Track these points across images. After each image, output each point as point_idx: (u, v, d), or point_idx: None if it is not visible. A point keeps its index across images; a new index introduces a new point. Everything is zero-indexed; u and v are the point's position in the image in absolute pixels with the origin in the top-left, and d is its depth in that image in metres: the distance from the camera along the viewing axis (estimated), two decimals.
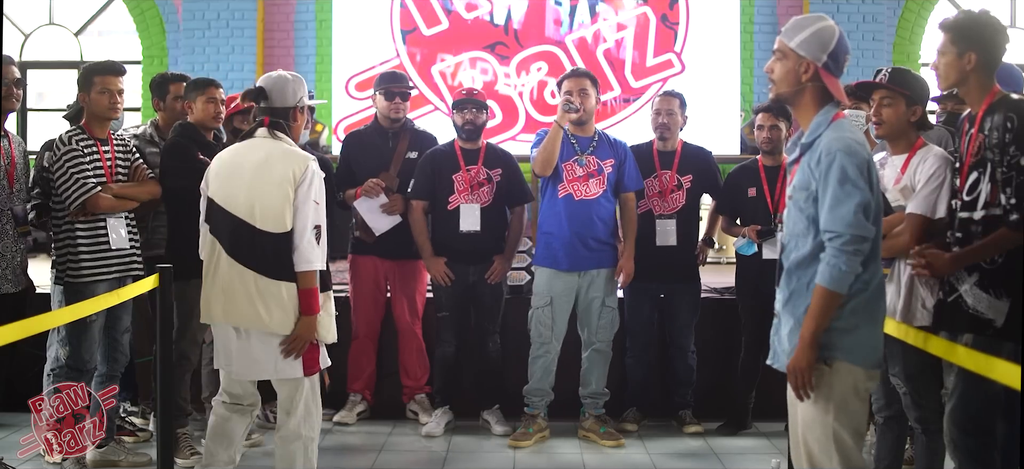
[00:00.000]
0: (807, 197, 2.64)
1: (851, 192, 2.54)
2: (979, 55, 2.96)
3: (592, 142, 4.78)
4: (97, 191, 3.99)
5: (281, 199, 3.27)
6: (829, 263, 2.55)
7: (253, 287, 3.28)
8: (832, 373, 2.61)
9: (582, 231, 4.70)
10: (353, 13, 9.07)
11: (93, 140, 4.09)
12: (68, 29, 9.96)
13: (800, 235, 2.67)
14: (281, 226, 3.27)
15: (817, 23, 2.68)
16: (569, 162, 4.72)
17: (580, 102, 4.66)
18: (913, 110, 3.37)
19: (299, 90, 3.48)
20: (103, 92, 4.06)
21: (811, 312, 2.58)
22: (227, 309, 3.35)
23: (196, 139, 4.35)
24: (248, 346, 3.35)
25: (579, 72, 4.89)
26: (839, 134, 2.61)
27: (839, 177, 2.55)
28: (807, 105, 2.70)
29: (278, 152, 3.35)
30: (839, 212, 2.54)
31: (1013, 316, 2.89)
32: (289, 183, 3.28)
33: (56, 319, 3.71)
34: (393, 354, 5.20)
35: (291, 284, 3.28)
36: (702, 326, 5.09)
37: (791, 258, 2.71)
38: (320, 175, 3.38)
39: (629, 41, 9.06)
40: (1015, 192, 2.86)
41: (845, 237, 2.53)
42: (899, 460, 3.62)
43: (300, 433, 3.38)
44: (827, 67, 2.65)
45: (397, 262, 5.07)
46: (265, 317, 3.28)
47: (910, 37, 9.37)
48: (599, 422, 4.82)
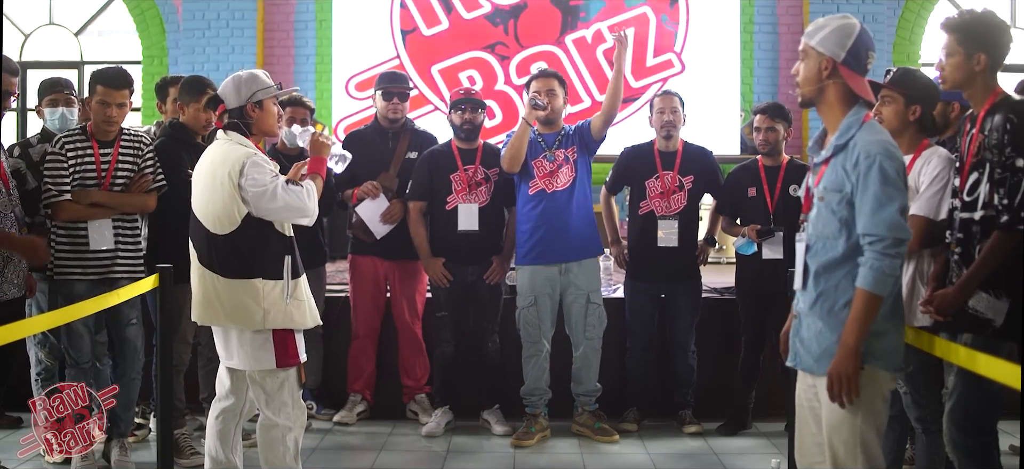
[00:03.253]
0: (840, 199, 2.60)
1: (893, 195, 2.52)
2: (989, 56, 2.95)
3: (557, 136, 4.82)
4: (62, 199, 4.02)
5: (225, 200, 3.34)
6: (872, 266, 2.51)
7: (212, 288, 3.40)
8: (865, 377, 2.58)
9: (559, 222, 4.73)
10: (353, 13, 9.07)
11: (89, 143, 4.09)
12: (68, 29, 9.96)
13: (831, 237, 2.64)
14: (228, 226, 3.35)
15: (838, 21, 2.67)
16: (538, 159, 4.77)
17: (547, 101, 4.73)
18: (912, 109, 3.37)
19: (250, 86, 3.47)
20: (101, 103, 4.07)
21: (854, 317, 2.54)
22: (198, 312, 3.50)
23: (185, 140, 4.36)
24: (226, 337, 3.48)
25: (547, 73, 4.95)
26: (875, 136, 2.59)
27: (881, 179, 2.52)
28: (831, 104, 2.67)
29: (220, 156, 3.41)
30: (882, 215, 2.51)
31: (1012, 316, 2.89)
32: (229, 182, 3.33)
33: (42, 323, 3.71)
34: (393, 354, 5.20)
35: (246, 281, 3.35)
36: (702, 326, 5.09)
37: (819, 260, 2.66)
38: (263, 161, 3.40)
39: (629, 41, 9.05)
40: (1007, 193, 2.86)
41: (888, 240, 2.50)
42: (899, 460, 3.62)
43: (276, 422, 3.44)
44: (847, 63, 2.63)
45: (397, 262, 5.07)
46: (222, 315, 3.39)
47: (910, 37, 9.37)
48: (593, 418, 4.84)
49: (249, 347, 3.40)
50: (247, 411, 3.62)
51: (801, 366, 2.76)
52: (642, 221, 4.95)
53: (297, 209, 3.40)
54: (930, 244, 3.28)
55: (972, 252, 2.98)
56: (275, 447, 3.45)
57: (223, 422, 3.57)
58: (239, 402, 3.57)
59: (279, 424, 3.45)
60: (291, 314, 3.41)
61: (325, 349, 5.18)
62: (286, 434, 3.45)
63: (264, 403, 3.46)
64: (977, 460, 3.00)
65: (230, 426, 3.58)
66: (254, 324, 3.36)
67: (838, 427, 2.62)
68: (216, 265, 3.38)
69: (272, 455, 3.46)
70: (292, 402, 3.47)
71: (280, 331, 3.39)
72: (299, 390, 3.51)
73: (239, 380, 3.55)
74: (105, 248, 4.07)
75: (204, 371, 4.51)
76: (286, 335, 3.41)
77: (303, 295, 3.48)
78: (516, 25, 9.05)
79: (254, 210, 3.35)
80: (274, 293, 3.37)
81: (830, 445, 2.65)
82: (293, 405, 3.47)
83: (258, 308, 3.35)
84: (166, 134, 4.43)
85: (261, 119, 3.49)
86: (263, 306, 3.35)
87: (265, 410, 3.46)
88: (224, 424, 3.57)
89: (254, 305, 3.35)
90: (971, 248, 2.99)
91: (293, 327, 3.43)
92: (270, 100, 3.50)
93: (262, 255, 3.38)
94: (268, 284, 3.36)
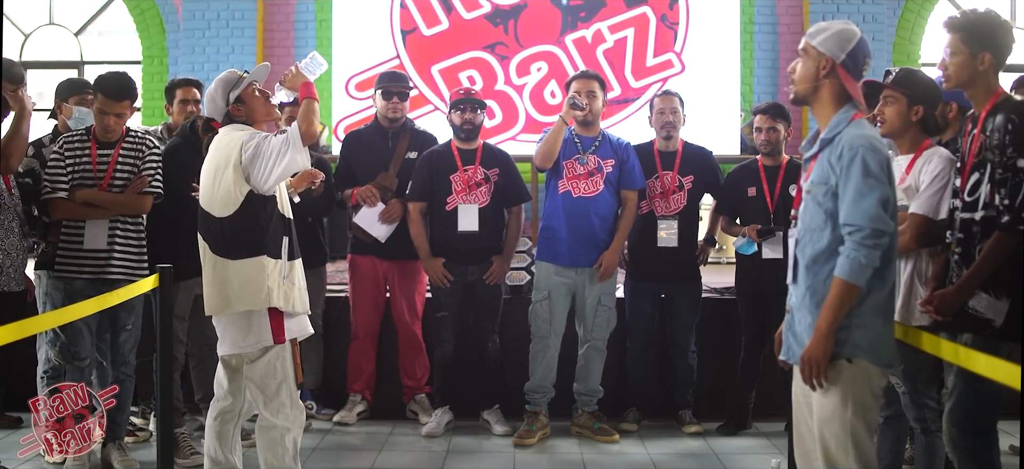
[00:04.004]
0: (826, 192, 2.64)
1: (874, 186, 2.56)
2: (993, 55, 2.96)
3: (595, 142, 4.81)
4: (56, 196, 4.05)
5: (227, 182, 3.37)
6: (849, 256, 2.56)
7: (223, 274, 3.41)
8: (853, 370, 2.61)
9: (580, 227, 4.73)
10: (353, 13, 9.07)
11: (89, 143, 4.11)
12: (68, 29, 9.96)
13: (817, 229, 2.67)
14: (231, 207, 3.37)
15: (840, 25, 2.73)
16: (570, 160, 4.76)
17: (586, 102, 4.72)
18: (915, 109, 3.37)
19: (224, 90, 3.49)
20: (100, 112, 4.11)
21: (828, 304, 2.59)
22: (210, 304, 3.49)
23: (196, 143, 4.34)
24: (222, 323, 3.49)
25: (589, 74, 4.96)
26: (861, 131, 2.64)
27: (862, 171, 2.56)
28: (825, 103, 2.72)
29: (223, 143, 3.45)
30: (861, 206, 2.55)
31: (1012, 316, 2.89)
32: (232, 162, 3.36)
33: (47, 321, 3.71)
34: (393, 354, 5.20)
35: (252, 259, 3.36)
36: (702, 326, 5.09)
37: (807, 253, 2.70)
38: (263, 135, 3.41)
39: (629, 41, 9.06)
40: (1008, 193, 2.86)
41: (866, 230, 2.54)
42: (899, 460, 3.62)
43: (275, 423, 3.45)
44: (845, 65, 2.68)
45: (397, 262, 5.07)
46: (232, 299, 3.39)
47: (910, 37, 9.37)
48: (593, 418, 4.84)
49: (246, 327, 3.41)
50: (246, 411, 3.62)
51: (794, 360, 2.78)
52: (642, 221, 4.95)
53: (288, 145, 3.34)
54: (929, 243, 3.28)
55: (973, 252, 2.98)
56: (274, 447, 3.46)
57: (222, 422, 3.58)
58: (238, 402, 3.58)
59: (278, 425, 3.45)
60: (289, 295, 3.43)
61: (325, 349, 5.18)
62: (285, 435, 3.46)
63: (263, 404, 3.46)
64: (977, 460, 3.01)
65: (229, 426, 3.59)
66: (259, 303, 3.37)
67: (829, 421, 2.64)
68: (224, 250, 3.40)
69: (271, 455, 3.47)
70: (290, 403, 3.47)
71: (274, 311, 3.40)
72: (297, 391, 3.52)
73: (237, 380, 3.55)
74: (98, 248, 4.07)
75: (197, 371, 4.50)
76: (280, 316, 3.43)
77: (296, 280, 3.49)
78: (516, 25, 9.05)
79: (255, 181, 3.36)
80: (276, 271, 3.40)
81: (821, 439, 2.67)
82: (291, 405, 3.48)
83: (264, 285, 3.36)
84: (181, 137, 4.40)
85: (251, 111, 3.51)
86: (268, 284, 3.37)
87: (264, 411, 3.47)
88: (223, 424, 3.58)
89: (262, 282, 3.36)
90: (972, 248, 2.99)
91: (285, 310, 3.43)
92: (248, 90, 3.50)
93: (265, 232, 3.40)
94: (272, 262, 3.40)
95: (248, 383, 3.48)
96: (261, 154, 3.34)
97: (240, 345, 3.43)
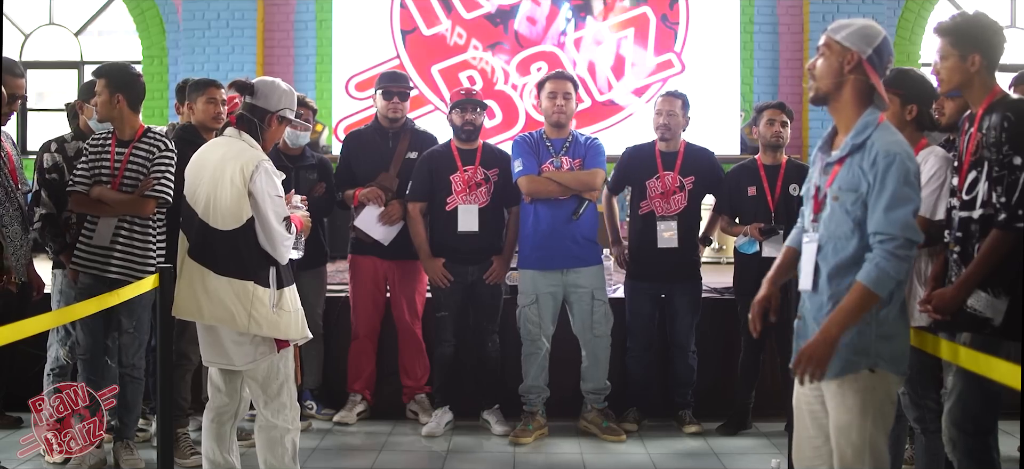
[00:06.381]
0: (855, 199, 2.59)
1: (910, 196, 2.52)
2: (983, 56, 2.96)
3: (565, 143, 4.84)
4: (75, 190, 4.11)
5: (234, 197, 3.33)
6: (876, 264, 2.50)
7: (200, 284, 3.37)
8: (874, 379, 2.58)
9: (561, 229, 4.74)
10: (353, 13, 9.08)
11: (109, 140, 4.15)
12: (68, 29, 9.98)
13: (844, 237, 2.62)
14: (232, 223, 3.33)
15: (864, 21, 2.69)
16: (545, 165, 4.78)
17: (562, 103, 4.78)
18: (909, 109, 3.38)
19: (284, 100, 3.51)
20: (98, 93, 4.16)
21: (845, 308, 2.53)
22: (179, 304, 3.47)
23: (194, 142, 4.35)
24: (213, 337, 3.45)
25: (563, 75, 4.98)
26: (894, 137, 2.59)
27: (901, 179, 2.52)
28: (847, 102, 2.66)
29: (234, 150, 3.40)
30: (895, 215, 2.51)
31: (1012, 315, 2.89)
32: (240, 180, 3.32)
33: (46, 322, 3.71)
34: (393, 354, 5.20)
35: (239, 281, 3.33)
36: (702, 326, 5.09)
37: (831, 261, 2.65)
38: (273, 171, 3.42)
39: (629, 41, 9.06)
40: (1005, 191, 2.86)
41: (898, 240, 2.50)
42: (899, 460, 3.62)
43: (275, 424, 3.45)
44: (871, 61, 2.63)
45: (397, 262, 5.07)
46: (207, 311, 3.36)
47: (910, 37, 9.39)
48: (601, 415, 4.85)
49: (248, 344, 3.39)
50: (242, 411, 3.62)
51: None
52: (643, 221, 4.95)
53: (278, 243, 3.38)
54: (926, 243, 3.28)
55: (971, 251, 2.98)
56: (274, 448, 3.46)
57: (218, 423, 3.57)
58: (234, 402, 3.57)
59: (277, 425, 3.45)
60: (277, 323, 3.40)
61: (325, 349, 5.18)
62: (284, 435, 3.46)
63: (263, 404, 3.46)
64: (977, 460, 3.00)
65: (225, 427, 3.58)
66: (236, 325, 3.34)
67: (846, 430, 2.61)
68: (210, 260, 3.36)
69: (271, 456, 3.46)
70: (290, 404, 3.47)
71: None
72: (296, 392, 3.52)
73: (233, 380, 3.55)
74: (102, 245, 4.08)
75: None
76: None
77: (290, 306, 3.46)
78: (516, 25, 9.06)
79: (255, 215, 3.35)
80: (264, 299, 3.36)
81: (838, 448, 2.64)
82: (291, 406, 3.48)
83: (243, 311, 3.33)
84: (177, 137, 4.41)
85: (276, 134, 3.55)
86: (248, 310, 3.33)
87: (264, 411, 3.47)
88: (219, 425, 3.57)
89: (240, 307, 3.33)
90: (970, 247, 2.99)
91: (280, 337, 3.42)
92: (287, 121, 3.55)
93: (258, 258, 3.37)
94: (259, 290, 3.36)
95: (250, 382, 3.48)
96: (263, 215, 3.33)
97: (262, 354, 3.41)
